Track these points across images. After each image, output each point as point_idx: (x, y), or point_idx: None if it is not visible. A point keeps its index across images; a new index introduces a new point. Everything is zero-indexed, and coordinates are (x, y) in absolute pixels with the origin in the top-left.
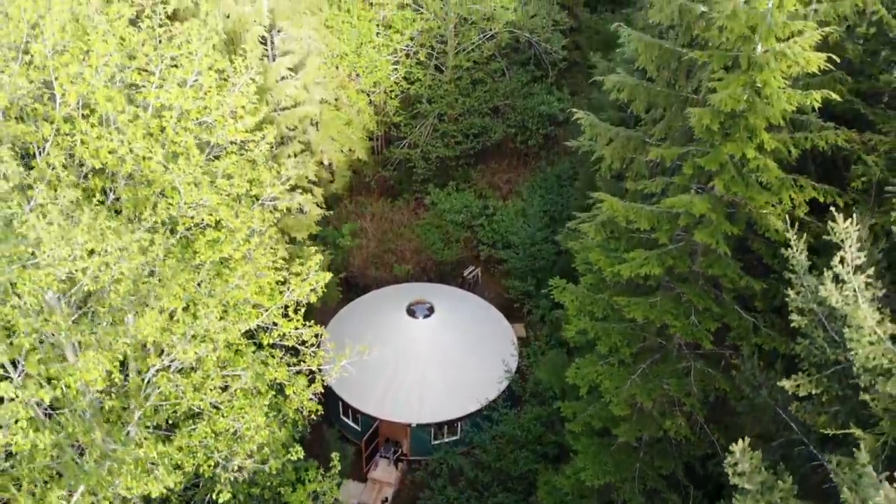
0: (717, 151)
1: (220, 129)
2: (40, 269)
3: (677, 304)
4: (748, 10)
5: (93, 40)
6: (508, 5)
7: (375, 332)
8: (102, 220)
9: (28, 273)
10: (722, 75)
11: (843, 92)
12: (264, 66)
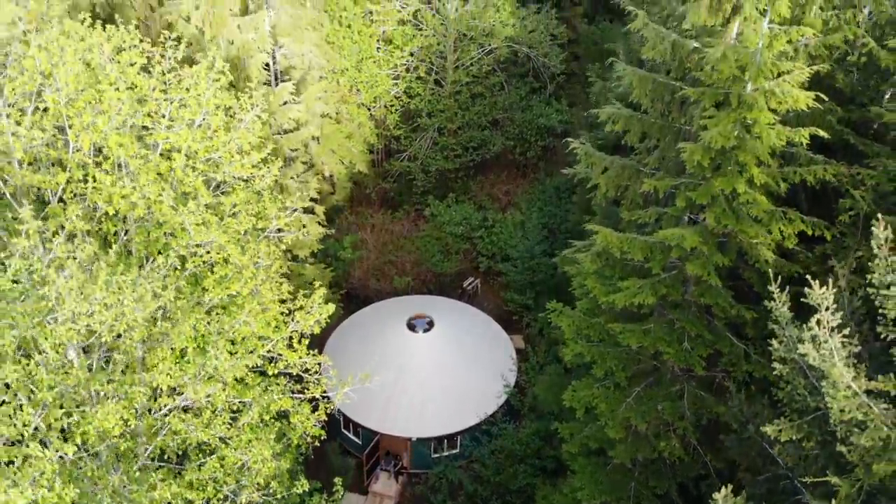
0: (709, 185)
1: (227, 165)
2: (61, 325)
3: (670, 331)
4: (738, 50)
5: (104, 88)
6: (507, 21)
7: (376, 347)
8: (119, 276)
9: (49, 329)
10: (713, 113)
11: (833, 123)
12: (268, 91)
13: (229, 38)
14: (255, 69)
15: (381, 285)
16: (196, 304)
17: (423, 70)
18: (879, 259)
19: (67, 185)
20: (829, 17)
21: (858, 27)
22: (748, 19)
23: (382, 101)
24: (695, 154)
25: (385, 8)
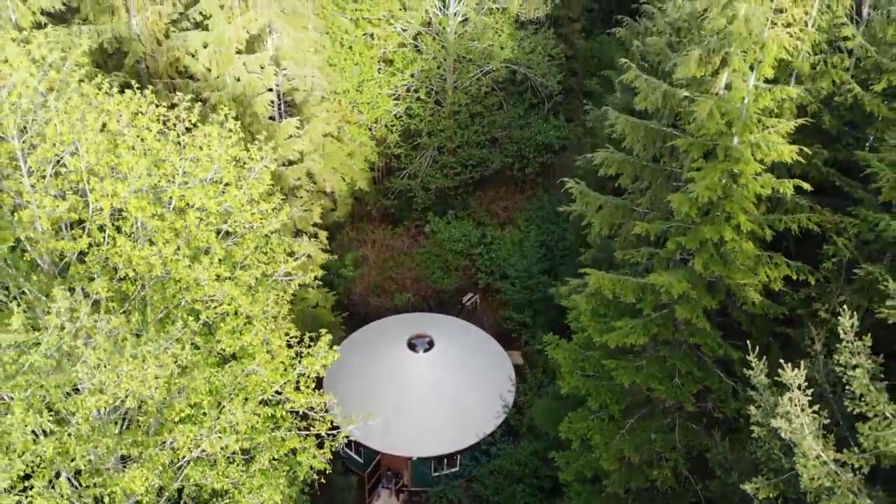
0: (697, 231)
1: (238, 215)
2: (91, 396)
3: (662, 368)
4: (725, 104)
5: (123, 153)
6: (506, 43)
7: (377, 366)
8: (143, 347)
9: (80, 399)
10: (700, 164)
11: (819, 165)
12: (274, 126)
13: (235, 76)
14: (261, 106)
15: (381, 301)
16: (209, 353)
17: (423, 92)
18: (845, 343)
19: (89, 248)
20: (817, 62)
21: (846, 71)
22: (736, 71)
23: (383, 121)
24: (683, 205)
25: (385, 31)
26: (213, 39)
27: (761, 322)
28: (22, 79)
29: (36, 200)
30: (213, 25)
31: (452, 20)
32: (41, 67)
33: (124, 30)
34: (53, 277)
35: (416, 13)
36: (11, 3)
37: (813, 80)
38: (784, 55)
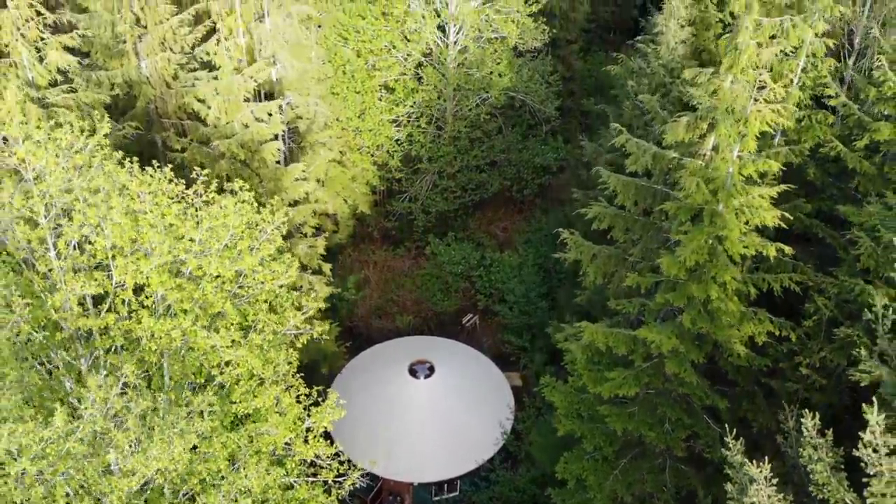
0: (684, 289)
1: (251, 276)
2: (124, 478)
3: (652, 414)
4: (712, 172)
5: (144, 227)
6: (504, 72)
7: (379, 392)
8: (171, 430)
9: (114, 481)
10: (688, 228)
11: (802, 217)
12: (281, 170)
13: (244, 122)
14: (269, 154)
15: (383, 322)
16: (224, 415)
17: (423, 121)
18: (808, 440)
19: (115, 325)
20: (803, 117)
21: (831, 127)
22: (722, 138)
23: (385, 147)
24: (671, 268)
25: (387, 61)
26: (222, 89)
27: (747, 371)
28: (50, 168)
29: (66, 282)
30: (222, 75)
31: (452, 49)
32: (67, 152)
33: (134, 74)
34: (77, 341)
35: (417, 45)
36: (29, 62)
37: (798, 134)
38: (767, 128)
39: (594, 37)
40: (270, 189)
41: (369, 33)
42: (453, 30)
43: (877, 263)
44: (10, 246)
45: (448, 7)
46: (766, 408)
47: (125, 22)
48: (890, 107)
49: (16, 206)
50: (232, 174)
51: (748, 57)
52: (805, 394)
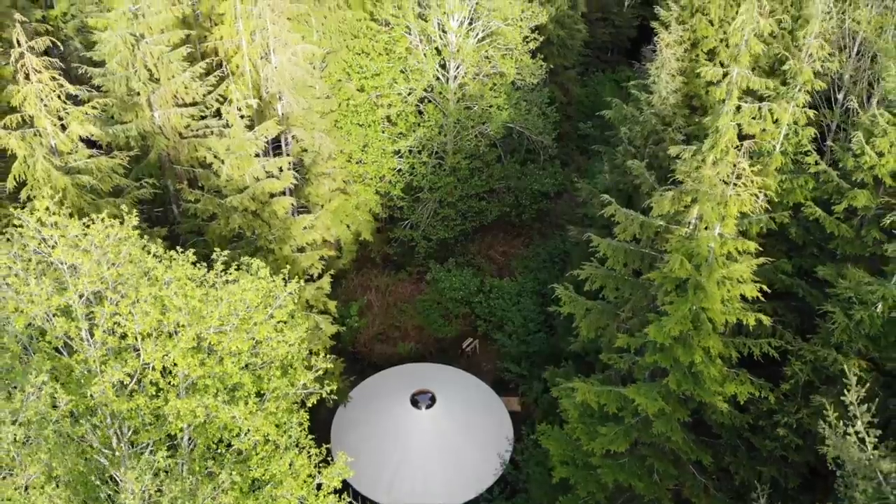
0: (670, 352)
1: (266, 344)
2: None
3: (641, 466)
4: (694, 248)
5: (171, 311)
6: (503, 105)
7: (382, 422)
8: None
9: None
10: (673, 298)
11: (784, 277)
12: (290, 220)
13: (255, 176)
14: (280, 207)
15: (385, 348)
16: (243, 481)
17: (425, 154)
18: None
19: (146, 405)
20: (784, 180)
21: (811, 191)
22: (705, 216)
23: (387, 178)
24: (658, 336)
25: (390, 95)
26: (235, 147)
27: (730, 426)
28: (85, 266)
29: (102, 371)
30: (234, 134)
31: (453, 83)
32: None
33: (148, 125)
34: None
35: (418, 81)
36: (52, 132)
37: (780, 196)
38: (746, 209)
39: (592, 58)
40: (279, 236)
41: (372, 70)
42: (453, 66)
43: (850, 338)
44: (49, 335)
45: (448, 46)
46: (748, 461)
47: (139, 79)
48: (867, 175)
49: (53, 303)
50: (244, 225)
51: (729, 139)
52: (782, 451)
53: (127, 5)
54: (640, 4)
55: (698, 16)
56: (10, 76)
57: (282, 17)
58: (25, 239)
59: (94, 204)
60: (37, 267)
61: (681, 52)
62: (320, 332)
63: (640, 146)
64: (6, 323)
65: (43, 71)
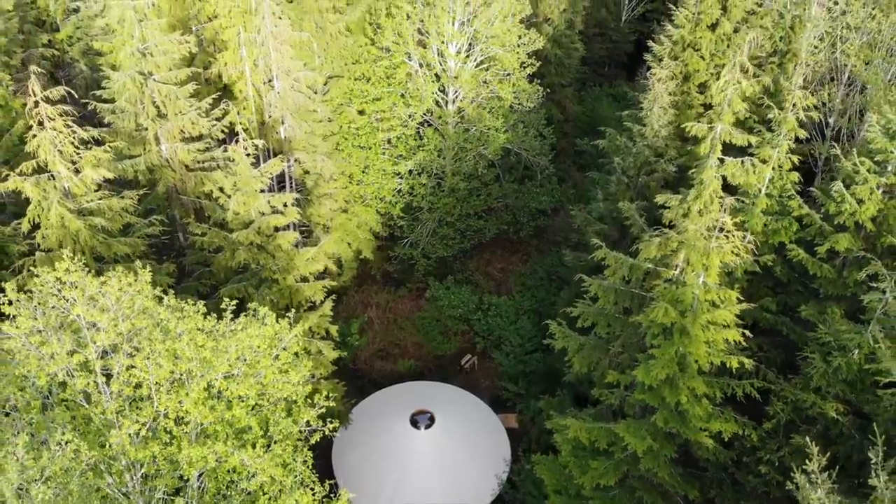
0: (658, 392)
1: (271, 387)
2: None
3: (631, 497)
4: (680, 294)
5: (183, 361)
6: (501, 128)
7: (382, 442)
8: None
9: None
10: (660, 341)
11: (768, 316)
12: (293, 252)
13: (260, 210)
14: (285, 241)
15: (385, 365)
16: None
17: (424, 177)
18: None
19: (160, 452)
20: (769, 222)
21: (795, 233)
22: (690, 262)
23: (387, 199)
24: (645, 378)
25: (390, 119)
26: (241, 184)
27: (715, 461)
28: (102, 323)
29: (120, 423)
30: (239, 171)
31: (451, 106)
32: (115, 304)
33: (155, 159)
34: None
35: (419, 106)
36: (66, 176)
37: (766, 236)
38: (728, 260)
39: (589, 72)
40: (283, 266)
41: (373, 94)
42: (452, 91)
43: (828, 382)
44: (69, 389)
45: (448, 72)
46: (733, 494)
47: (147, 115)
48: (848, 220)
49: (74, 361)
50: (249, 258)
51: (713, 190)
52: (764, 487)
53: (135, 45)
54: (637, 20)
55: (689, 50)
56: (21, 108)
57: (284, 44)
58: (45, 295)
59: (105, 243)
60: (56, 320)
61: (673, 87)
62: (322, 358)
63: (633, 176)
64: (29, 379)
65: (56, 118)
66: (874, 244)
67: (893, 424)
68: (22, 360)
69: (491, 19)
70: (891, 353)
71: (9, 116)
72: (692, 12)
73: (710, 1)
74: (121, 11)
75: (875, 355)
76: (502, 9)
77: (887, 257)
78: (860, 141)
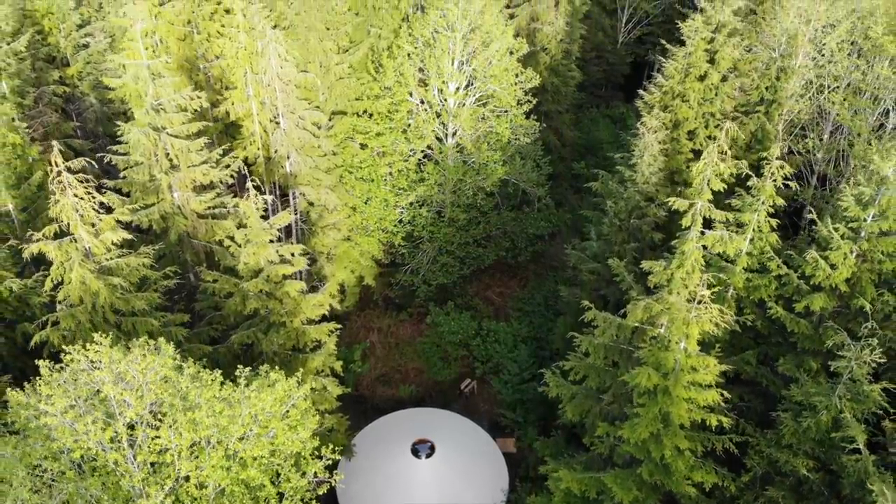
0: (643, 446)
1: (283, 444)
2: None
3: None
4: (663, 359)
5: (202, 428)
6: (499, 160)
7: (384, 470)
8: None
9: None
10: (644, 400)
11: (750, 370)
12: (300, 297)
13: (269, 259)
14: (292, 289)
15: (387, 390)
16: None
17: (425, 210)
18: None
19: None
20: (752, 278)
21: (777, 289)
22: (672, 333)
23: (389, 229)
24: (631, 436)
25: (392, 155)
26: (251, 236)
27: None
28: (131, 401)
29: (147, 493)
30: (251, 225)
31: (451, 139)
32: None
33: (168, 207)
34: None
35: (420, 142)
36: (87, 237)
37: (747, 292)
38: (706, 328)
39: (587, 94)
40: (290, 310)
41: (375, 130)
42: (451, 126)
43: (799, 441)
44: (100, 460)
45: (447, 110)
46: None
47: (161, 168)
48: (824, 281)
49: (106, 436)
50: (259, 306)
51: (694, 259)
52: None
53: (149, 101)
54: (633, 42)
55: (678, 101)
56: (37, 154)
57: (290, 84)
58: (76, 372)
59: (123, 298)
60: (87, 394)
61: (663, 136)
62: (327, 394)
63: (625, 219)
64: (64, 453)
65: (77, 186)
66: (848, 304)
67: (859, 487)
68: (59, 436)
69: (489, 59)
70: (855, 419)
71: (25, 163)
72: (681, 64)
73: (699, 54)
74: (136, 70)
75: (841, 419)
76: (498, 49)
77: (861, 316)
78: (835, 204)
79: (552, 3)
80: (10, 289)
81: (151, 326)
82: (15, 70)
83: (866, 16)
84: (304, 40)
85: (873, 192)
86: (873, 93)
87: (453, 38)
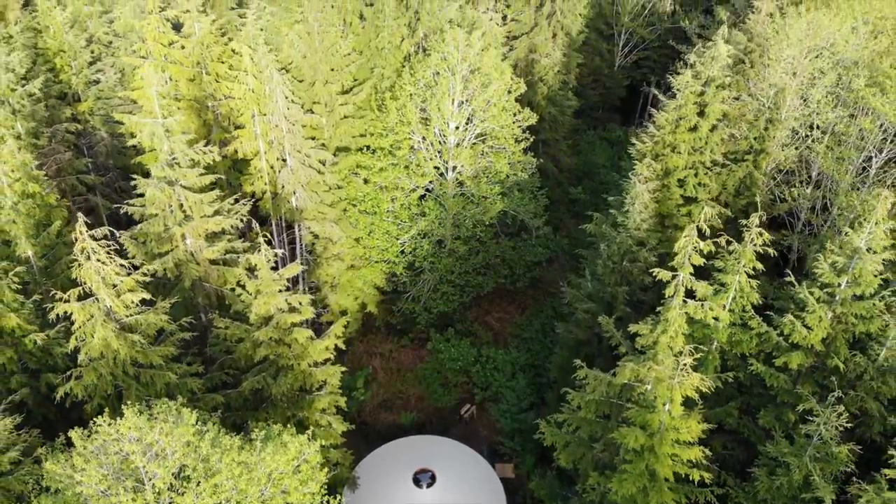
0: (631, 499)
1: (295, 498)
2: None
3: None
4: (649, 420)
5: (223, 491)
6: (497, 192)
7: (388, 501)
8: None
9: None
10: (632, 457)
11: (730, 422)
12: (307, 342)
13: (279, 307)
14: (301, 336)
15: (389, 416)
16: None
17: (426, 242)
18: None
19: None
20: (734, 333)
21: (758, 345)
22: (657, 395)
23: (391, 261)
24: (620, 490)
25: (395, 190)
26: (262, 287)
27: None
28: (159, 472)
29: None
30: (262, 276)
31: (451, 174)
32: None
33: (182, 255)
34: None
35: (421, 178)
36: (109, 297)
37: (730, 346)
38: (689, 393)
39: (583, 117)
40: (298, 354)
41: (378, 166)
42: (451, 164)
43: (773, 497)
44: None
45: (448, 147)
46: None
47: (175, 220)
48: (801, 340)
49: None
50: (269, 353)
51: (678, 326)
52: None
53: (164, 158)
54: (630, 66)
55: (668, 150)
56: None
57: (297, 125)
58: (105, 438)
59: (142, 352)
60: (117, 462)
61: (654, 185)
62: (332, 430)
63: (617, 262)
64: None
65: (100, 251)
66: (824, 361)
67: None
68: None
69: (489, 99)
70: (824, 480)
71: (44, 210)
72: (672, 116)
73: (690, 107)
74: (152, 128)
75: (811, 480)
76: (497, 90)
77: (837, 374)
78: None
79: (550, 35)
80: (35, 341)
81: (169, 379)
82: (29, 111)
83: (851, 66)
84: (311, 82)
85: (846, 260)
86: (855, 143)
87: (453, 80)
